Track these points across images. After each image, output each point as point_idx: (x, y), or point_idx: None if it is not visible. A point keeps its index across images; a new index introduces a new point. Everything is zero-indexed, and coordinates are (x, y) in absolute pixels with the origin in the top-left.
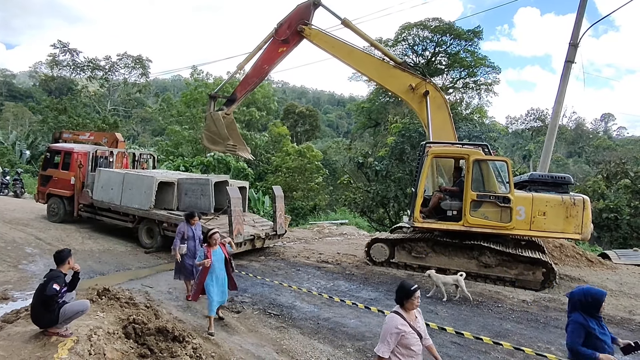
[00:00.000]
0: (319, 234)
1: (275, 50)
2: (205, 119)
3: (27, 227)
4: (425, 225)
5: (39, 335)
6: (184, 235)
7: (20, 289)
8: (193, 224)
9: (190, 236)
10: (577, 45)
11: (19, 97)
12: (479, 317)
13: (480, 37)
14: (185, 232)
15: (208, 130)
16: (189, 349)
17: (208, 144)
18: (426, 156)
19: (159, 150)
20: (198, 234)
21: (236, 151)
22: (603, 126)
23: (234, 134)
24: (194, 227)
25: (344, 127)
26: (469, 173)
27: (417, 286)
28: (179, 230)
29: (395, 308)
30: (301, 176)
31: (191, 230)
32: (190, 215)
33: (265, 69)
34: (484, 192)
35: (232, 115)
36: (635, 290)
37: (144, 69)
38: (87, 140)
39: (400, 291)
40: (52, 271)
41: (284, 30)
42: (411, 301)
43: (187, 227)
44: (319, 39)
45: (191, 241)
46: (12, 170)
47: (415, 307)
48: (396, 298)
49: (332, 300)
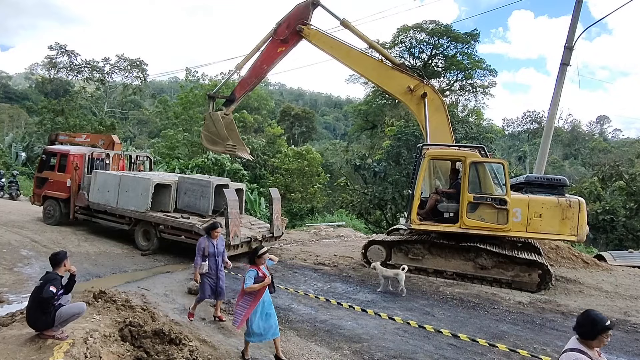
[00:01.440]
0: (316, 236)
1: (274, 50)
2: (205, 119)
3: (23, 229)
4: (422, 227)
5: (35, 338)
6: (205, 251)
7: (16, 292)
8: (215, 238)
9: (212, 253)
10: (572, 48)
11: (15, 98)
12: (475, 319)
13: (477, 40)
14: (206, 247)
15: (207, 131)
16: (185, 352)
17: (207, 145)
18: (423, 158)
19: (154, 152)
20: (220, 249)
21: (235, 151)
22: (598, 128)
23: (233, 134)
24: (215, 241)
25: (340, 129)
26: (466, 175)
27: (613, 323)
28: (199, 247)
29: (575, 344)
30: (299, 178)
31: (212, 246)
32: (212, 227)
33: (264, 69)
34: (480, 194)
35: (231, 115)
36: (630, 291)
37: (142, 72)
38: (84, 142)
39: (592, 325)
40: (49, 274)
41: (282, 30)
42: (601, 338)
43: (209, 242)
44: (318, 39)
45: (212, 258)
46: (7, 172)
47: (603, 344)
48: (582, 331)
49: (328, 303)
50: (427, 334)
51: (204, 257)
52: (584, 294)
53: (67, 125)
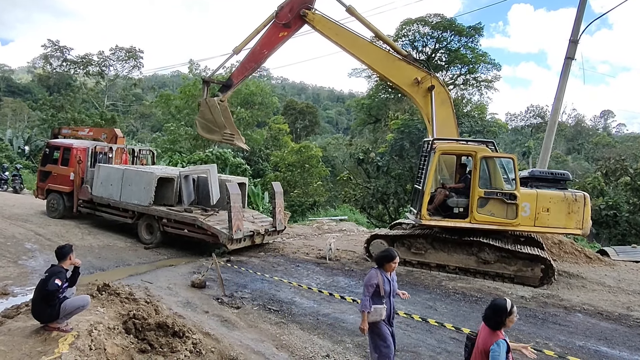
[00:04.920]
0: (318, 230)
1: (275, 34)
2: (199, 105)
3: (27, 222)
4: (432, 223)
5: (40, 330)
6: (380, 290)
7: (20, 285)
8: (391, 270)
9: (387, 292)
10: (577, 42)
11: (18, 92)
12: (477, 313)
13: (481, 34)
14: (380, 284)
15: (202, 118)
16: (189, 344)
17: (203, 133)
18: (433, 153)
19: (156, 146)
20: (395, 285)
21: (233, 140)
22: (602, 123)
23: (229, 122)
24: (390, 275)
25: (343, 124)
26: (477, 170)
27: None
28: (369, 283)
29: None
30: (300, 170)
31: (388, 282)
32: (388, 258)
33: (264, 54)
34: (491, 189)
35: (227, 102)
36: (633, 286)
37: (136, 60)
38: (86, 136)
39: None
40: (54, 267)
41: (285, 13)
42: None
43: (383, 277)
44: (323, 25)
45: (387, 299)
46: (11, 166)
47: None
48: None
49: (331, 296)
50: (430, 327)
51: (379, 298)
52: (587, 288)
53: (68, 119)
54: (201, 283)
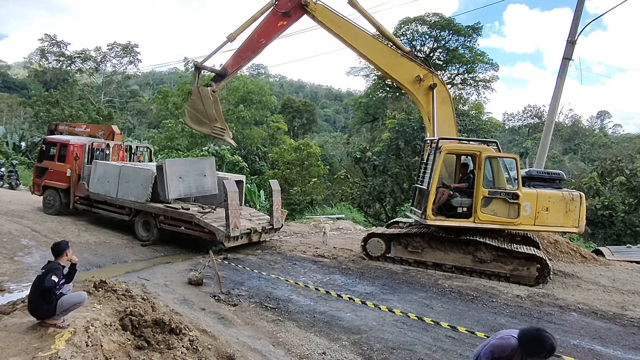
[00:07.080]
0: (315, 228)
1: (274, 23)
2: (191, 94)
3: (23, 219)
4: (437, 223)
5: (36, 326)
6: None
7: (17, 281)
8: None
9: None
10: (574, 43)
11: (14, 88)
12: (473, 312)
13: (479, 34)
14: None
15: (192, 108)
16: (185, 341)
17: (191, 124)
18: (439, 152)
19: (153, 143)
20: None
21: (223, 135)
22: (599, 123)
23: (219, 114)
24: None
25: (341, 122)
26: (481, 170)
27: None
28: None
29: None
30: (299, 168)
31: None
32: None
33: (261, 43)
34: (494, 188)
35: (218, 93)
36: (627, 286)
37: (132, 56)
38: (83, 132)
39: None
40: (51, 263)
41: (285, 2)
42: None
43: None
44: (324, 16)
45: None
46: (7, 162)
47: None
48: None
49: (328, 294)
50: (426, 326)
51: None
52: (582, 288)
53: (64, 115)
54: (198, 280)
